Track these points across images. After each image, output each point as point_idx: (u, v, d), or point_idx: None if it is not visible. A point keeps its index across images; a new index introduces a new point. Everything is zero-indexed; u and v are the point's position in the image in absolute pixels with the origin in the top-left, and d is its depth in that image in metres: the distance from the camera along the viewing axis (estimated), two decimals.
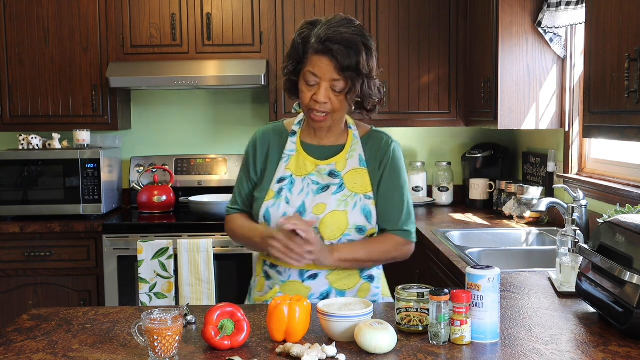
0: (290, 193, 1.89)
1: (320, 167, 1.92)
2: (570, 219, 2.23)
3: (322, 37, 1.78)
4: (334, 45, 1.76)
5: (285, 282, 1.91)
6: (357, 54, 1.78)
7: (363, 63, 1.79)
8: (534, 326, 1.68)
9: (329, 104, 1.82)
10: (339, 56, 1.76)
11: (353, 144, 1.95)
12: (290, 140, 1.96)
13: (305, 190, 1.89)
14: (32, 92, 3.81)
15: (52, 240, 3.58)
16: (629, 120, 1.86)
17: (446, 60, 3.84)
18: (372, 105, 1.93)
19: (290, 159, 1.93)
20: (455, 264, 2.47)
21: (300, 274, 1.89)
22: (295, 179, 1.91)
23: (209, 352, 1.51)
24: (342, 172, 1.91)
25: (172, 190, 3.96)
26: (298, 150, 1.94)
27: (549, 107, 3.29)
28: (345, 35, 1.79)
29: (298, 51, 1.83)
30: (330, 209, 1.87)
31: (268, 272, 1.95)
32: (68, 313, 1.82)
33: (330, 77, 1.79)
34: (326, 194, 1.88)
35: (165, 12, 3.78)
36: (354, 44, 1.78)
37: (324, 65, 1.78)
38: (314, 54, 1.79)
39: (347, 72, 1.78)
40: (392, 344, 1.48)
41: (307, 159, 1.93)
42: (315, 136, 1.96)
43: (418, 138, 4.26)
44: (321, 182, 1.90)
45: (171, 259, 3.43)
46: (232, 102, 4.22)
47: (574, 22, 2.98)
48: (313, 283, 1.89)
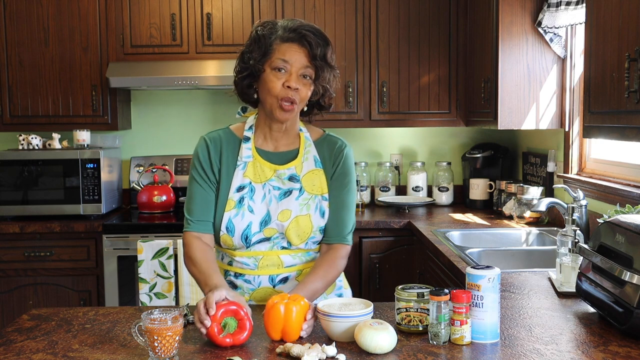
0: (252, 201, 1.85)
1: (280, 172, 1.88)
2: (570, 219, 2.22)
3: (291, 26, 1.81)
4: (307, 32, 1.79)
5: (255, 289, 1.89)
6: (326, 44, 1.82)
7: (330, 55, 1.83)
8: (534, 326, 1.68)
9: (298, 92, 1.80)
10: (312, 42, 1.78)
11: (306, 146, 1.92)
12: (244, 147, 1.89)
13: (267, 196, 1.86)
14: (32, 92, 3.81)
15: (52, 240, 3.58)
16: (629, 120, 1.86)
17: (446, 60, 3.84)
18: (329, 103, 1.92)
19: (247, 166, 1.88)
20: (455, 264, 2.47)
21: (270, 279, 1.88)
22: (254, 186, 1.86)
23: (209, 352, 1.51)
24: (301, 176, 1.89)
25: (172, 190, 3.96)
26: (254, 156, 1.89)
27: (549, 107, 3.29)
28: (314, 26, 1.84)
29: (264, 41, 1.81)
30: (295, 215, 1.85)
31: (234, 282, 1.90)
32: (68, 313, 1.82)
33: (301, 64, 1.79)
34: (289, 199, 1.86)
35: (165, 12, 3.79)
36: (323, 35, 1.83)
37: (295, 52, 1.79)
38: (282, 43, 1.80)
39: (318, 60, 1.80)
40: (392, 344, 1.49)
41: (264, 164, 1.88)
42: (271, 139, 1.91)
43: (418, 138, 4.26)
44: (282, 187, 1.87)
45: (171, 259, 3.42)
46: (232, 102, 4.21)
47: (574, 22, 2.98)
48: (284, 287, 1.88)
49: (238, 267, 1.89)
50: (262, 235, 1.85)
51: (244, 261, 1.88)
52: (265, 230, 1.85)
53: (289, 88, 1.78)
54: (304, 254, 1.90)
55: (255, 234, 1.84)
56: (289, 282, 1.88)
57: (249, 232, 1.84)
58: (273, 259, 1.87)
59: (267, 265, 1.87)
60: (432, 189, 4.14)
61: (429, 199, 4.04)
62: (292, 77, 1.79)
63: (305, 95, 1.82)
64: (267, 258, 1.87)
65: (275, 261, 1.87)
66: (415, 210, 3.89)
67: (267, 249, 1.87)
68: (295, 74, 1.79)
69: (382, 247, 3.51)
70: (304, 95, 1.82)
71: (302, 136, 1.93)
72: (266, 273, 1.87)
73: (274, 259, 1.87)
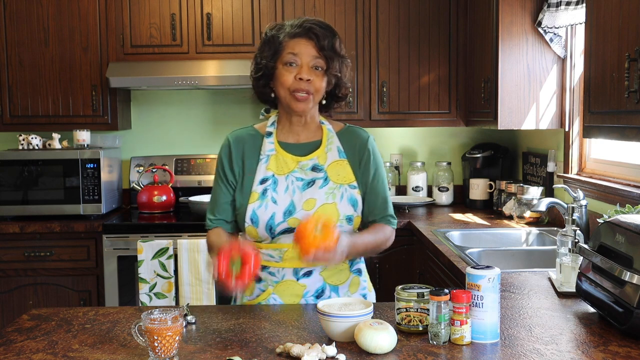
0: (276, 192, 1.88)
1: (302, 163, 1.92)
2: (570, 219, 2.23)
3: (298, 23, 1.88)
4: (312, 25, 1.86)
5: (279, 282, 1.90)
6: (333, 35, 1.89)
7: (338, 44, 1.88)
8: (534, 326, 1.68)
9: (312, 83, 1.86)
10: (318, 34, 1.85)
11: (329, 137, 1.97)
12: (267, 141, 1.95)
13: (290, 188, 1.89)
14: (32, 92, 3.81)
15: (52, 240, 3.58)
16: (629, 120, 1.86)
17: (446, 60, 3.84)
18: (344, 93, 1.98)
19: (270, 159, 1.92)
20: (455, 264, 2.47)
21: (295, 272, 1.89)
22: (277, 178, 1.90)
23: (208, 352, 1.52)
24: (325, 165, 1.92)
25: (172, 190, 3.96)
26: (277, 149, 1.94)
27: (549, 107, 3.29)
28: (319, 20, 1.91)
29: (274, 41, 1.89)
30: (320, 203, 1.88)
31: (258, 274, 1.90)
32: (68, 313, 1.82)
33: (310, 55, 1.85)
34: (313, 188, 1.89)
35: (165, 12, 3.79)
36: (328, 26, 1.90)
37: (304, 45, 1.86)
38: (291, 39, 1.87)
39: (326, 51, 1.85)
40: (392, 344, 1.49)
41: (287, 156, 1.93)
42: (293, 133, 1.96)
43: (418, 138, 4.26)
44: (305, 178, 1.90)
45: (171, 259, 3.43)
46: (232, 102, 4.22)
47: (574, 22, 2.98)
48: (308, 280, 1.90)
49: (263, 259, 1.90)
50: (287, 225, 1.86)
51: (269, 253, 1.90)
52: (290, 220, 1.86)
53: (301, 80, 1.84)
54: None
55: (279, 224, 1.86)
56: (313, 275, 1.90)
57: (272, 222, 1.86)
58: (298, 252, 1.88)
59: (292, 257, 1.87)
60: (432, 189, 4.15)
61: (429, 199, 4.04)
62: (303, 69, 1.85)
63: (319, 85, 1.87)
64: (292, 250, 1.87)
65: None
66: (415, 210, 3.89)
67: (292, 241, 1.87)
68: (306, 66, 1.85)
69: None
70: (318, 86, 1.87)
71: (324, 128, 1.98)
72: (290, 266, 1.89)
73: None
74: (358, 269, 1.99)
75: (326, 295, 1.91)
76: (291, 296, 1.90)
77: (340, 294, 1.93)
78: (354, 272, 1.98)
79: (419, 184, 4.12)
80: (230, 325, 1.70)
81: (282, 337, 1.61)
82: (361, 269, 2.01)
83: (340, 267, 1.93)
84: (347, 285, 1.95)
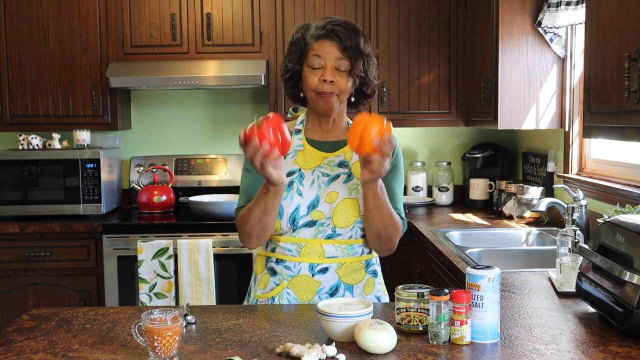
0: (302, 185, 1.91)
1: (329, 159, 1.95)
2: (570, 219, 2.22)
3: (322, 24, 1.90)
4: (335, 26, 1.88)
5: (294, 276, 1.91)
6: (356, 35, 1.89)
7: (362, 44, 1.89)
8: (534, 326, 1.68)
9: (336, 84, 1.87)
10: (341, 35, 1.86)
11: None
12: (295, 137, 1.98)
13: (316, 182, 1.92)
14: (32, 92, 3.81)
15: (52, 240, 3.58)
16: (629, 120, 1.86)
17: (446, 60, 3.84)
18: (372, 90, 1.99)
19: (297, 154, 1.95)
20: (455, 264, 2.47)
21: (311, 268, 1.90)
22: (304, 172, 1.93)
23: (209, 352, 1.51)
24: (351, 162, 1.94)
25: (172, 190, 3.96)
26: (305, 145, 1.97)
27: (549, 107, 3.29)
28: (342, 20, 1.93)
29: (299, 43, 1.92)
30: (343, 197, 1.90)
31: (274, 268, 1.94)
32: (68, 313, 1.82)
33: (334, 57, 1.87)
34: (336, 183, 1.92)
35: (165, 12, 3.78)
36: (352, 26, 1.91)
37: (327, 46, 1.87)
38: (315, 41, 1.89)
39: (349, 51, 1.87)
40: (392, 344, 1.48)
41: (314, 152, 1.96)
42: (321, 131, 1.99)
43: (418, 138, 4.26)
44: (331, 174, 1.93)
45: (171, 259, 3.43)
46: (232, 102, 4.22)
47: (574, 22, 2.98)
48: (323, 277, 1.90)
49: (280, 252, 1.92)
50: (310, 218, 1.88)
51: (287, 247, 1.91)
52: (313, 213, 1.88)
53: (325, 82, 1.86)
54: (348, 246, 1.91)
55: (302, 216, 1.88)
56: (329, 273, 1.90)
57: (296, 214, 1.88)
58: (315, 247, 1.89)
59: (309, 253, 1.89)
60: (432, 189, 4.15)
61: (429, 199, 4.04)
62: (327, 71, 1.87)
63: (344, 86, 1.89)
64: (310, 246, 1.89)
65: (318, 250, 1.89)
66: (415, 210, 3.89)
67: (311, 236, 1.90)
68: (330, 67, 1.87)
69: None
70: (343, 87, 1.89)
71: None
72: (307, 261, 1.89)
73: (317, 247, 1.89)
74: (374, 271, 1.99)
75: (340, 294, 1.91)
76: (305, 292, 1.90)
77: (355, 294, 1.93)
78: (370, 273, 1.97)
79: (419, 184, 4.12)
80: (230, 325, 1.70)
81: (282, 337, 1.61)
82: (377, 270, 2.00)
83: (356, 266, 1.93)
84: (362, 285, 1.94)
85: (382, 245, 1.91)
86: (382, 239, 1.89)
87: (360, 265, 1.95)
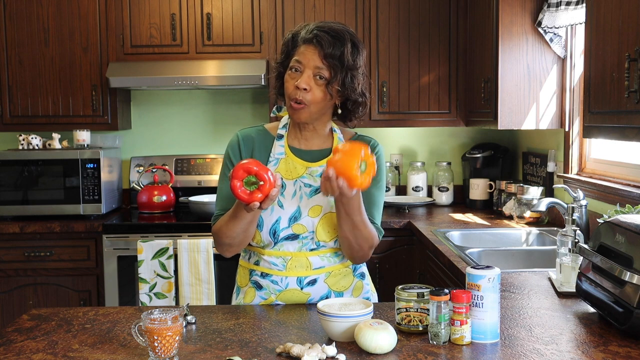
0: (283, 197, 1.84)
1: (312, 169, 1.88)
2: (570, 219, 2.22)
3: (311, 28, 1.81)
4: (321, 32, 1.78)
5: (282, 290, 1.87)
6: (342, 44, 1.78)
7: (347, 55, 1.78)
8: (534, 326, 1.68)
9: (310, 93, 1.78)
10: (323, 43, 1.76)
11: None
12: (277, 144, 1.90)
13: (297, 193, 1.85)
14: (32, 92, 3.81)
15: (52, 240, 3.58)
16: (629, 120, 1.86)
17: (446, 60, 3.85)
18: (357, 106, 1.88)
19: (280, 163, 1.88)
20: (455, 264, 2.47)
21: (299, 281, 1.87)
22: (286, 182, 1.86)
23: (209, 352, 1.51)
24: None
25: (172, 190, 3.96)
26: (287, 153, 1.89)
27: (549, 107, 3.29)
28: (334, 26, 1.81)
29: (288, 44, 1.85)
30: (325, 211, 1.85)
31: (259, 282, 1.89)
32: (68, 313, 1.82)
33: (313, 64, 1.77)
34: (319, 196, 1.85)
35: (165, 12, 3.79)
36: (340, 34, 1.79)
37: (309, 52, 1.78)
38: (302, 45, 1.80)
39: (331, 60, 1.77)
40: (392, 344, 1.49)
41: (296, 161, 1.88)
42: (302, 139, 1.91)
43: (418, 138, 4.26)
44: (313, 185, 1.87)
45: (171, 259, 3.43)
46: (232, 102, 4.22)
47: (574, 22, 2.98)
48: (312, 289, 1.87)
49: (265, 266, 1.87)
50: (291, 231, 1.83)
51: (272, 261, 1.86)
52: (294, 226, 1.83)
53: (297, 89, 1.78)
54: (333, 254, 1.89)
55: (283, 229, 1.83)
56: (317, 284, 1.87)
57: (277, 227, 1.83)
58: (301, 261, 1.85)
59: (296, 266, 1.85)
60: (432, 189, 4.15)
61: (429, 199, 4.04)
62: (302, 78, 1.78)
63: (317, 96, 1.79)
64: (296, 259, 1.85)
65: (304, 263, 1.86)
66: (415, 210, 3.89)
67: (295, 249, 1.85)
68: (307, 74, 1.78)
69: (382, 247, 3.51)
70: (316, 97, 1.79)
71: (335, 136, 1.94)
72: (294, 274, 1.86)
73: (303, 260, 1.85)
74: (361, 273, 1.97)
75: None
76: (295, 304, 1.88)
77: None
78: (357, 276, 1.95)
79: (419, 184, 4.12)
80: (230, 325, 1.70)
81: (282, 337, 1.61)
82: (364, 272, 1.99)
83: (344, 272, 1.91)
84: (350, 290, 1.93)
85: (353, 253, 1.86)
86: (353, 248, 1.84)
87: (347, 271, 1.93)
